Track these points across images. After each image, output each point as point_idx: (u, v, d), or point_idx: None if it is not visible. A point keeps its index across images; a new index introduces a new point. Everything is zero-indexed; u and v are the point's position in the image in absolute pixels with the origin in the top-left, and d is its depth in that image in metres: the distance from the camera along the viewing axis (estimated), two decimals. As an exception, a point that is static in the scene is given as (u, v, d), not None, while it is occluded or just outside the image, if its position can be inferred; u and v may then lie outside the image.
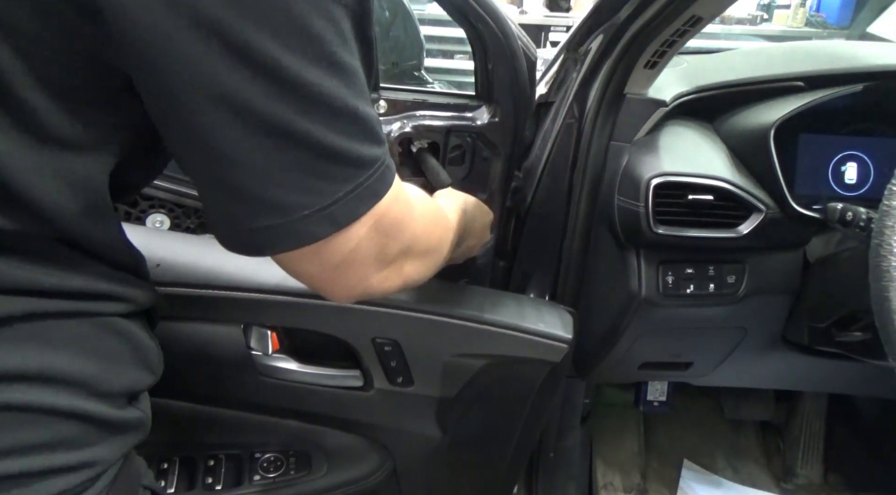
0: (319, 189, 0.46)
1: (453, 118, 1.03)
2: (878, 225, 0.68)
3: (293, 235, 0.47)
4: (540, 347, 0.91)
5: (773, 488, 1.53)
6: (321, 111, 0.44)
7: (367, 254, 0.52)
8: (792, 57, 1.18)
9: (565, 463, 1.37)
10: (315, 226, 0.47)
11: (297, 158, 0.44)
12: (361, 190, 0.48)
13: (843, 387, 1.32)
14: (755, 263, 1.02)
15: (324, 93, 0.44)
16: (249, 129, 0.43)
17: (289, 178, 0.45)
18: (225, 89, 0.41)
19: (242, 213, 0.46)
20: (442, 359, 0.90)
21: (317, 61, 0.43)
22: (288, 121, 0.43)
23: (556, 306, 1.00)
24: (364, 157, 0.48)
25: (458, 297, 0.93)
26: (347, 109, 0.46)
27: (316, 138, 0.44)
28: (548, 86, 1.16)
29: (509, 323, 0.90)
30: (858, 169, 1.00)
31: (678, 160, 0.99)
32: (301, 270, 0.52)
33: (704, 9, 0.86)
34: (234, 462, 0.94)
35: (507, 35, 0.96)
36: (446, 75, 3.03)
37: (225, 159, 0.44)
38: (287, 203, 0.45)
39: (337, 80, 0.44)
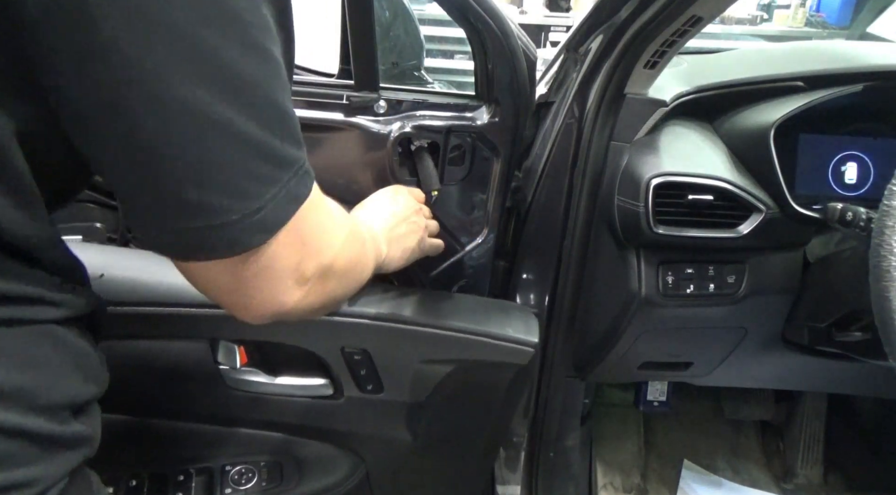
0: (246, 189, 0.43)
1: (453, 118, 1.03)
2: (878, 225, 0.68)
3: (225, 242, 0.43)
4: (506, 351, 0.93)
5: (773, 488, 1.53)
6: (244, 98, 0.42)
7: (285, 266, 0.48)
8: (792, 57, 1.18)
9: (565, 463, 1.37)
10: (247, 234, 0.44)
11: (223, 151, 0.41)
12: (285, 193, 0.45)
13: (843, 387, 1.32)
14: (755, 263, 1.02)
15: (247, 78, 0.41)
16: (169, 116, 0.39)
17: (213, 174, 0.42)
18: (141, 72, 0.38)
19: (167, 213, 0.42)
20: (412, 366, 0.92)
21: (239, 43, 0.40)
22: (208, 105, 0.40)
23: (522, 309, 1.01)
24: (287, 157, 0.45)
25: (425, 304, 0.94)
26: (271, 101, 0.43)
27: (240, 129, 0.41)
28: (548, 86, 1.16)
29: (477, 329, 0.92)
30: (858, 169, 1.00)
31: (678, 160, 0.99)
32: (211, 282, 0.48)
33: (704, 9, 0.86)
34: (204, 476, 0.94)
35: (507, 35, 0.96)
36: (446, 75, 3.03)
37: (146, 151, 0.40)
38: (214, 204, 0.42)
39: (261, 68, 0.42)
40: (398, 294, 0.97)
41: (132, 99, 0.38)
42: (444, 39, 3.19)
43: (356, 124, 1.00)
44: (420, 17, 1.38)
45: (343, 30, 1.25)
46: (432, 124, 1.02)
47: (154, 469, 0.93)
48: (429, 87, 1.30)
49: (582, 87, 1.03)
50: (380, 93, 1.01)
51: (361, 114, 1.00)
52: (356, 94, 1.00)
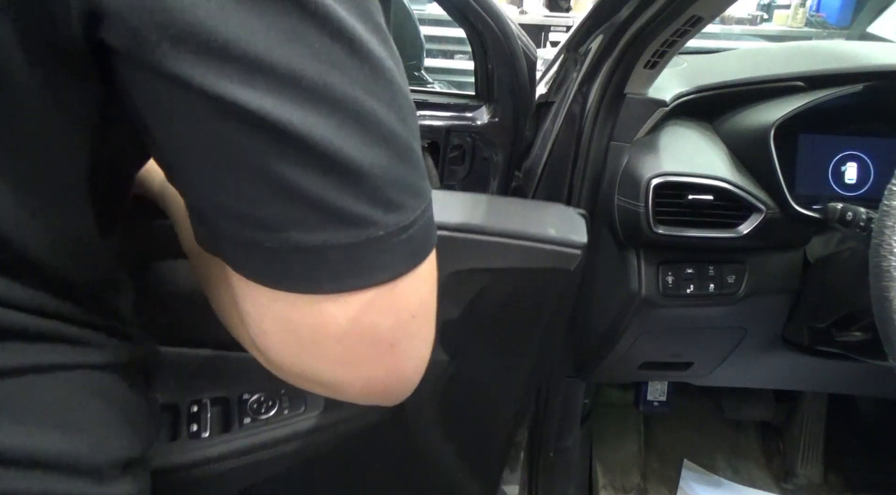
0: (401, 199, 0.35)
1: (453, 118, 1.03)
2: (878, 225, 0.68)
3: (366, 264, 0.34)
4: (551, 256, 0.80)
5: (773, 488, 1.53)
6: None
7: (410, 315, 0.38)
8: (792, 57, 1.18)
9: (565, 463, 1.37)
10: (396, 255, 0.35)
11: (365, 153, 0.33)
12: (431, 213, 0.38)
13: (843, 387, 1.32)
14: (755, 263, 1.02)
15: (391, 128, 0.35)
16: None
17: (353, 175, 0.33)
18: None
19: (299, 222, 0.33)
20: (442, 279, 0.82)
21: (397, 110, 0.35)
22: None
23: (565, 208, 0.90)
24: (423, 184, 0.38)
25: (452, 208, 0.83)
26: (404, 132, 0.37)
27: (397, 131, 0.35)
28: (548, 86, 1.16)
29: (513, 231, 0.79)
30: (858, 169, 1.00)
31: (678, 160, 0.99)
32: (314, 338, 0.36)
33: (704, 9, 0.86)
34: (220, 405, 0.86)
35: (507, 35, 0.96)
36: (446, 75, 3.04)
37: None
38: (357, 213, 0.33)
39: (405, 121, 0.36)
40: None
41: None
42: (444, 39, 3.19)
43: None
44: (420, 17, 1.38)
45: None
46: (432, 124, 1.02)
47: (163, 399, 0.84)
48: (429, 87, 1.30)
49: (582, 87, 1.03)
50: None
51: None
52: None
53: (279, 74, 0.31)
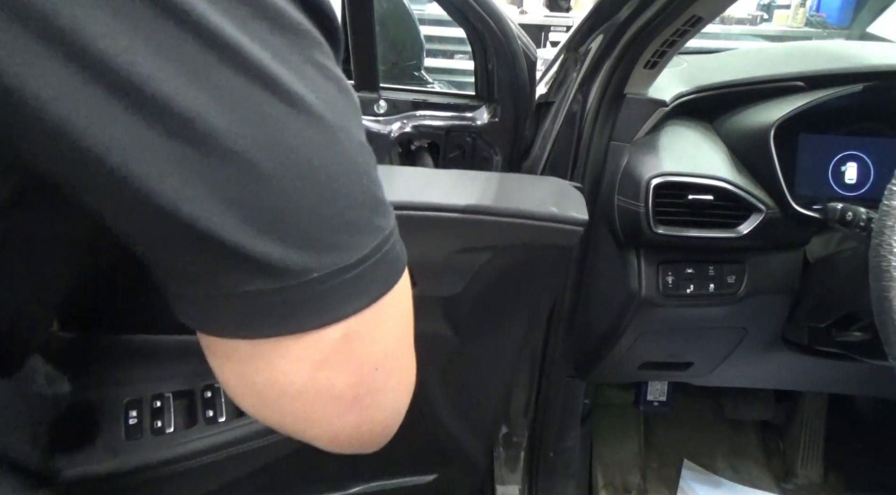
0: (336, 238, 0.32)
1: (453, 118, 1.03)
2: (878, 225, 0.68)
3: (299, 308, 0.32)
4: (553, 233, 0.81)
5: (773, 488, 1.53)
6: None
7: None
8: (792, 57, 1.18)
9: (565, 463, 1.37)
10: (337, 297, 0.32)
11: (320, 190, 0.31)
12: (389, 250, 0.35)
13: (843, 387, 1.32)
14: (755, 263, 1.02)
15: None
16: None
17: (305, 217, 0.31)
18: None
19: (223, 273, 0.31)
20: (444, 257, 0.82)
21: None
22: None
23: (562, 183, 0.90)
24: (385, 205, 0.36)
25: (453, 186, 0.84)
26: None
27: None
28: (548, 86, 1.16)
29: (515, 209, 0.80)
30: (858, 169, 1.00)
31: (678, 160, 0.99)
32: (285, 375, 0.34)
33: (704, 9, 0.86)
34: (210, 394, 0.86)
35: (507, 35, 0.96)
36: (446, 75, 3.03)
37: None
38: (277, 258, 0.31)
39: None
40: (422, 177, 0.87)
41: None
42: (444, 39, 3.18)
43: (356, 124, 1.00)
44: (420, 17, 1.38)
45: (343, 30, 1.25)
46: (432, 124, 1.02)
47: (177, 386, 0.85)
48: (429, 87, 1.30)
49: (582, 87, 1.03)
50: (380, 93, 1.01)
51: (361, 114, 1.00)
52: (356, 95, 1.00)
53: (185, 118, 0.28)
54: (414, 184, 0.83)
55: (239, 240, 0.30)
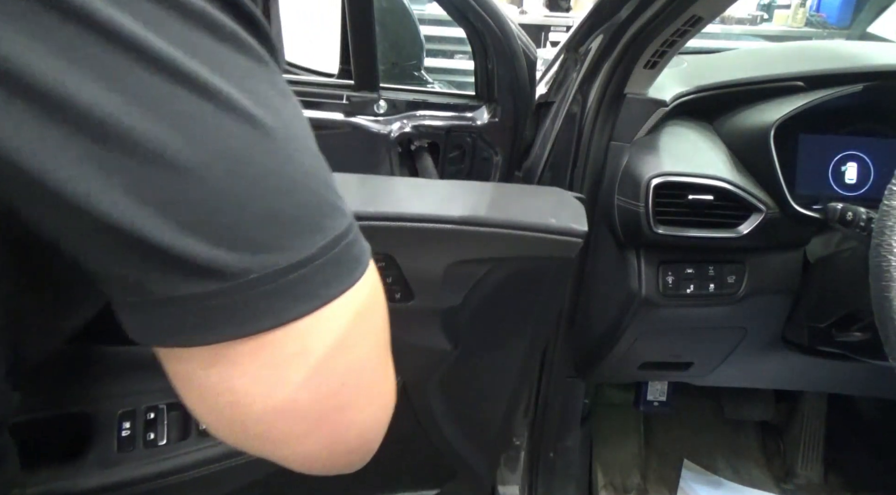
0: (271, 239, 0.31)
1: (453, 118, 1.03)
2: (878, 225, 0.68)
3: (248, 307, 0.30)
4: (551, 244, 0.81)
5: (773, 488, 1.53)
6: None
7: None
8: (792, 57, 1.18)
9: (565, 463, 1.37)
10: (284, 297, 0.31)
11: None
12: (340, 252, 0.33)
13: (843, 387, 1.32)
14: (755, 263, 1.02)
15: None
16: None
17: (239, 214, 0.30)
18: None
19: (154, 276, 0.30)
20: (443, 269, 0.82)
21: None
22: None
23: (562, 194, 0.90)
24: (337, 204, 0.34)
25: (452, 198, 0.83)
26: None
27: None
28: (548, 86, 1.16)
29: (514, 222, 0.80)
30: (858, 169, 1.00)
31: (678, 160, 0.99)
32: (230, 382, 0.32)
33: (704, 9, 0.86)
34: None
35: (507, 35, 0.96)
36: (446, 75, 3.03)
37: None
38: (227, 261, 0.30)
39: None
40: (420, 189, 0.87)
41: None
42: (444, 39, 3.18)
43: (356, 124, 1.00)
44: (420, 17, 1.38)
45: (343, 30, 1.25)
46: (432, 124, 1.02)
47: (172, 398, 0.82)
48: (429, 87, 1.30)
49: (582, 87, 1.03)
50: (380, 93, 1.01)
51: (361, 114, 1.00)
52: (356, 94, 1.00)
53: (97, 119, 0.27)
54: (411, 196, 0.83)
55: (164, 241, 0.29)
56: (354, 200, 0.78)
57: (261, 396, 0.33)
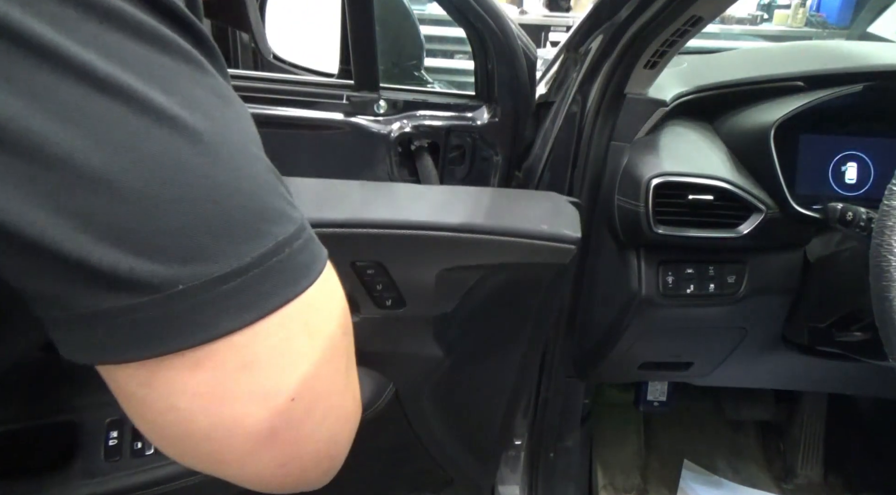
0: (214, 247, 0.29)
1: (453, 118, 1.03)
2: (879, 225, 0.68)
3: (171, 324, 0.29)
4: (545, 251, 0.80)
5: (773, 488, 1.53)
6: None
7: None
8: (792, 57, 1.18)
9: (565, 463, 1.37)
10: (218, 309, 0.30)
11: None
12: (285, 259, 0.32)
13: (843, 387, 1.32)
14: (755, 263, 1.02)
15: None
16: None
17: (168, 222, 0.28)
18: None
19: (76, 290, 0.28)
20: (434, 276, 0.81)
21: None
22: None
23: (557, 199, 0.89)
24: (283, 209, 0.33)
25: (444, 204, 0.82)
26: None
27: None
28: (548, 86, 1.16)
29: (506, 228, 0.79)
30: (858, 169, 1.00)
31: (678, 160, 0.99)
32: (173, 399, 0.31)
33: (704, 9, 0.86)
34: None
35: (507, 35, 0.96)
36: (446, 75, 3.03)
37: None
38: (151, 273, 0.28)
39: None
40: (411, 194, 0.86)
41: None
42: (444, 39, 3.18)
43: (356, 124, 1.00)
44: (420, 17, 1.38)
45: (343, 30, 1.25)
46: (432, 124, 1.02)
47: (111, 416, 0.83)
48: (429, 87, 1.30)
49: (582, 87, 1.03)
50: (380, 93, 1.01)
51: (361, 114, 1.00)
52: (356, 94, 1.00)
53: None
54: (401, 203, 0.82)
55: (80, 253, 0.27)
56: (343, 208, 0.78)
57: (204, 414, 0.31)
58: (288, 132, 0.98)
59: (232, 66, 2.35)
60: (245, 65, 2.19)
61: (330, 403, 0.35)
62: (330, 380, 0.35)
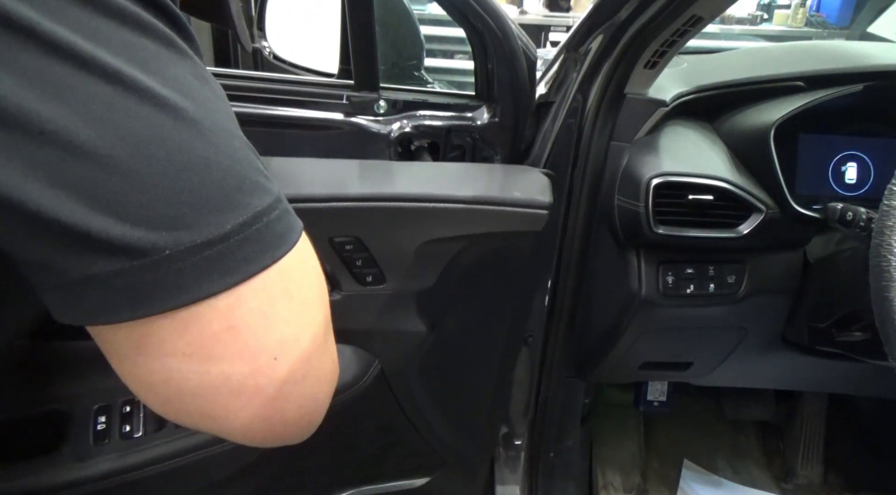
0: (198, 215, 0.32)
1: (453, 118, 1.03)
2: (878, 225, 0.68)
3: (166, 283, 0.31)
4: (518, 218, 0.82)
5: (773, 488, 1.53)
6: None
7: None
8: (792, 57, 1.18)
9: (565, 463, 1.37)
10: (202, 272, 0.32)
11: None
12: (262, 228, 0.34)
13: (843, 387, 1.32)
14: (755, 263, 1.02)
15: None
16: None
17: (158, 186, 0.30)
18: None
19: (68, 256, 0.30)
20: (413, 249, 0.82)
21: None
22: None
23: (529, 170, 0.91)
24: (257, 181, 0.35)
25: (417, 176, 0.84)
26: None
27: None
28: (548, 86, 1.16)
29: (478, 196, 0.81)
30: (858, 169, 1.00)
31: (678, 160, 0.99)
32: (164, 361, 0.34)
33: (704, 9, 0.86)
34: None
35: (507, 35, 0.96)
36: (446, 75, 3.03)
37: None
38: (139, 239, 0.30)
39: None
40: (385, 168, 0.87)
41: None
42: (444, 39, 3.19)
43: (356, 124, 1.00)
44: (420, 17, 1.38)
45: (343, 30, 1.25)
46: (432, 124, 1.02)
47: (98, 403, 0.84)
48: (429, 87, 1.30)
49: (582, 87, 1.03)
50: (380, 93, 1.00)
51: (361, 114, 1.00)
52: (356, 94, 1.00)
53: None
54: (379, 176, 0.83)
55: (73, 220, 0.29)
56: (320, 184, 0.80)
57: (193, 372, 0.34)
58: (288, 132, 0.98)
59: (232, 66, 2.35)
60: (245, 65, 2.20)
61: (310, 364, 0.37)
62: (309, 342, 0.37)
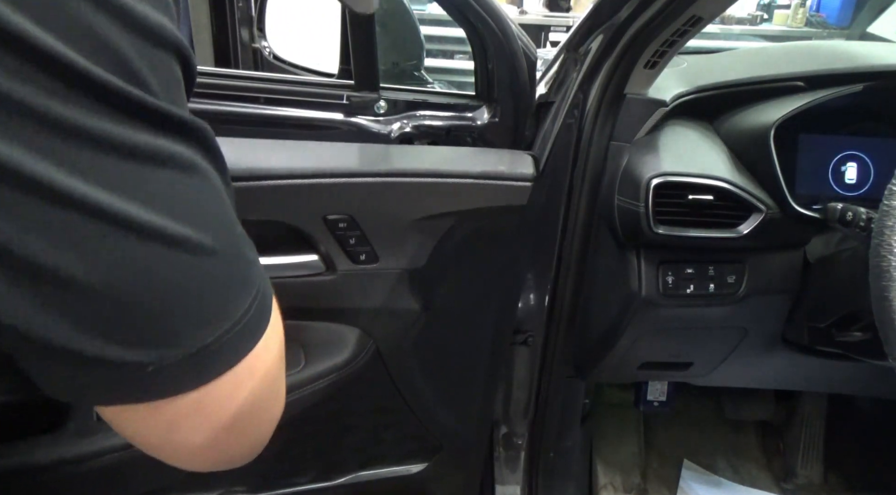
0: (182, 332, 0.34)
1: (453, 118, 1.03)
2: (878, 225, 0.68)
3: (143, 386, 0.34)
4: (504, 192, 0.87)
5: (773, 488, 1.53)
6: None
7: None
8: (792, 57, 1.18)
9: (565, 463, 1.37)
10: (177, 377, 0.35)
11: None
12: (242, 329, 0.36)
13: (843, 387, 1.32)
14: (755, 263, 1.02)
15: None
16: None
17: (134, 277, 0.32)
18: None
19: (51, 364, 0.33)
20: (405, 227, 0.85)
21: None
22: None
23: (514, 152, 0.96)
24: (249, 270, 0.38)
25: (406, 155, 0.87)
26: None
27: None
28: (548, 86, 1.16)
29: (466, 171, 0.85)
30: (858, 169, 1.00)
31: (678, 160, 0.99)
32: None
33: (704, 9, 0.86)
34: None
35: (507, 35, 0.96)
36: (446, 75, 3.03)
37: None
38: (122, 356, 0.33)
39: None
40: (379, 150, 0.90)
41: None
42: (444, 39, 3.19)
43: (356, 124, 1.00)
44: (420, 17, 1.38)
45: (343, 30, 1.25)
46: (432, 124, 1.02)
47: None
48: (429, 87, 1.30)
49: (582, 87, 1.03)
50: (380, 93, 1.01)
51: (361, 114, 1.00)
52: (356, 94, 1.00)
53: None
54: (371, 156, 0.86)
55: (69, 345, 0.31)
56: (312, 161, 0.82)
57: (156, 438, 0.38)
58: (288, 132, 0.98)
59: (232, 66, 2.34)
60: (245, 65, 2.20)
61: (267, 416, 0.42)
62: (268, 400, 0.41)
